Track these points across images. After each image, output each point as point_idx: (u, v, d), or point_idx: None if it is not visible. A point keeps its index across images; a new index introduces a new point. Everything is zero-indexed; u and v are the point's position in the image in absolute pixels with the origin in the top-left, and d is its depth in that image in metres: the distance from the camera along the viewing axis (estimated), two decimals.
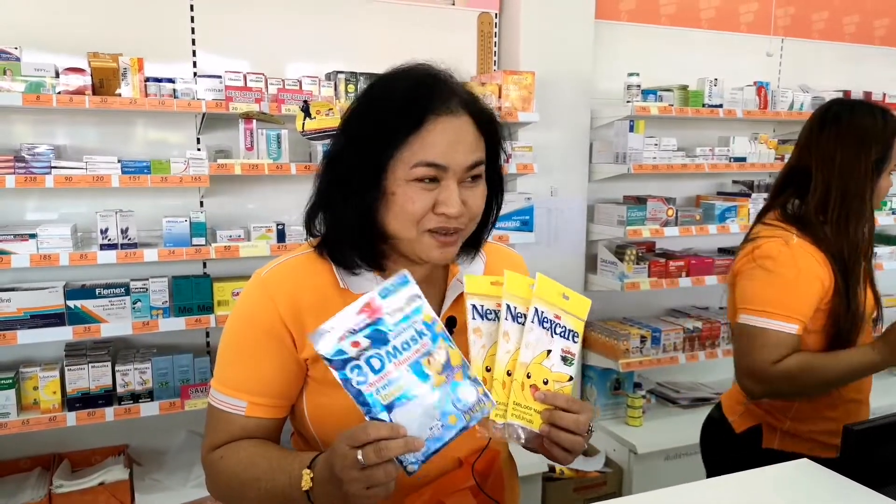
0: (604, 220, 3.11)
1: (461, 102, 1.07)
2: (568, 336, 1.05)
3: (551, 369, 1.04)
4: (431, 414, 0.93)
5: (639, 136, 2.94)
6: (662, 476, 2.91)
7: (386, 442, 0.89)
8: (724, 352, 3.19)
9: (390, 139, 1.04)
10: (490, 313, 1.04)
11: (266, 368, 1.13)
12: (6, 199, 2.42)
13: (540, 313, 1.03)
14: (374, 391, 0.92)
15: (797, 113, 3.31)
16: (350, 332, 0.92)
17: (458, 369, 0.95)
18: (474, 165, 1.08)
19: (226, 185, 2.63)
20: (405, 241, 1.09)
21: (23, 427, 2.23)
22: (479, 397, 0.95)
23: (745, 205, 3.17)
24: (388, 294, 0.94)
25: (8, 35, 2.28)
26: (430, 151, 1.04)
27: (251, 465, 1.10)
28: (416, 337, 0.94)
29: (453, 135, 1.05)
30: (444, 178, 1.06)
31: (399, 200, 1.06)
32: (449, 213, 1.05)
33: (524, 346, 1.02)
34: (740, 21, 3.49)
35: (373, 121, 1.07)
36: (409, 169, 1.04)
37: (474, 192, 1.10)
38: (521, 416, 1.02)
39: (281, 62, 2.71)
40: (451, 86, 1.09)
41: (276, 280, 1.15)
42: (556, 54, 2.96)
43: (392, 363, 0.93)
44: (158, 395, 2.39)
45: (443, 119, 1.05)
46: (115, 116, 2.49)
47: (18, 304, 2.20)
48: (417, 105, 1.05)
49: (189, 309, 2.40)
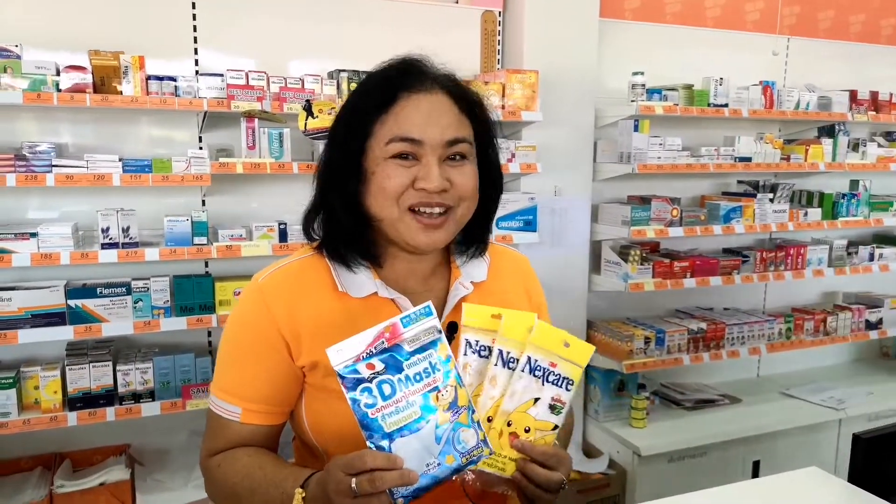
0: (608, 220, 3.09)
1: (438, 82, 1.08)
2: (561, 384, 1.02)
3: (536, 417, 1.01)
4: (431, 450, 0.92)
5: (643, 136, 2.91)
6: (666, 479, 2.89)
7: (381, 473, 0.89)
8: (728, 353, 3.17)
9: (364, 118, 1.06)
10: (484, 349, 1.01)
11: (261, 375, 1.12)
12: (7, 198, 2.41)
13: (533, 361, 1.00)
14: (380, 416, 0.91)
15: (803, 112, 3.28)
16: (367, 354, 0.92)
17: (463, 410, 0.95)
18: (455, 142, 1.07)
19: (227, 184, 2.61)
20: (389, 223, 1.08)
21: (24, 427, 2.22)
22: (479, 443, 0.95)
23: (750, 205, 3.15)
24: (410, 322, 0.94)
25: (9, 33, 2.26)
26: (403, 125, 1.04)
27: (247, 476, 1.09)
28: (430, 370, 0.94)
29: (428, 109, 1.06)
30: (423, 154, 1.05)
31: (378, 179, 1.06)
32: (428, 188, 1.04)
33: (509, 395, 1.00)
34: (746, 20, 3.46)
35: (350, 108, 1.10)
36: (384, 146, 1.05)
37: (462, 171, 1.08)
38: (493, 464, 1.00)
39: (283, 60, 2.69)
40: (425, 66, 1.10)
41: (272, 286, 1.14)
42: (560, 53, 2.94)
43: (402, 391, 0.92)
44: (160, 395, 2.38)
45: (416, 95, 1.06)
46: (115, 114, 2.48)
47: (19, 303, 2.19)
48: (389, 84, 1.06)
49: (190, 308, 2.39)
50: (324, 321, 1.11)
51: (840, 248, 3.46)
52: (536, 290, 1.32)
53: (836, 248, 3.44)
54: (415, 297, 1.15)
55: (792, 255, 3.31)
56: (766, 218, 3.20)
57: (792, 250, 3.31)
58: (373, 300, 1.13)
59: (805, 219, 3.31)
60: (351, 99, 1.12)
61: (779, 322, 3.33)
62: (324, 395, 1.12)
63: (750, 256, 3.25)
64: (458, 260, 1.22)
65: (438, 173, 1.05)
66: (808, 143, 3.35)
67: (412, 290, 1.16)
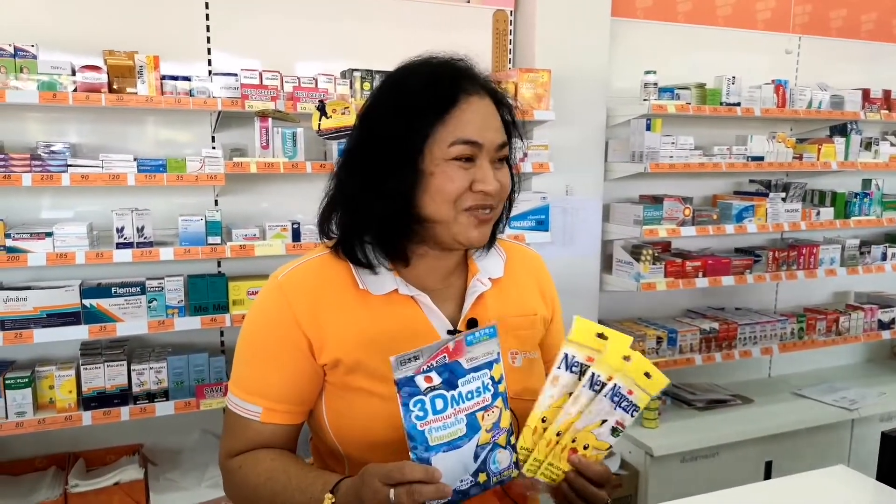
0: (620, 219, 3.08)
1: (483, 83, 1.10)
2: (629, 410, 1.03)
3: (598, 437, 1.03)
4: (468, 468, 0.94)
5: (655, 135, 2.91)
6: (679, 479, 2.88)
7: (419, 486, 0.89)
8: (740, 353, 3.16)
9: (425, 118, 1.04)
10: (576, 366, 1.03)
11: (282, 374, 1.11)
12: (22, 198, 2.41)
13: (616, 388, 1.01)
14: (427, 430, 0.92)
15: (815, 111, 3.27)
16: (428, 367, 0.93)
17: (503, 432, 0.97)
18: (503, 146, 1.09)
19: (241, 183, 2.62)
20: (441, 223, 1.07)
21: (39, 426, 2.23)
22: (510, 464, 0.97)
23: (762, 204, 3.14)
24: (473, 341, 0.96)
25: (25, 33, 2.27)
26: (467, 129, 1.05)
27: (270, 479, 1.08)
28: (482, 389, 0.96)
29: (484, 113, 1.07)
30: (479, 156, 1.06)
31: (437, 181, 1.05)
32: (487, 190, 1.06)
33: (585, 415, 1.01)
34: (757, 19, 3.45)
35: (402, 106, 1.06)
36: (446, 147, 1.04)
37: (504, 173, 1.11)
38: (548, 474, 1.02)
39: (296, 60, 2.70)
40: (474, 68, 1.11)
41: (293, 283, 1.13)
42: (571, 52, 2.93)
43: (453, 408, 0.94)
44: (174, 395, 2.38)
45: (474, 98, 1.06)
46: (130, 114, 2.48)
47: (34, 302, 2.20)
48: (449, 84, 1.06)
49: (204, 308, 2.39)
50: (345, 318, 1.11)
51: (852, 248, 3.44)
52: (550, 287, 1.33)
53: (848, 247, 3.43)
54: (434, 294, 1.15)
55: (804, 255, 3.29)
56: (779, 217, 3.18)
57: (804, 250, 3.29)
58: (393, 297, 1.13)
59: (817, 218, 3.29)
60: (399, 98, 1.08)
61: (791, 322, 3.32)
62: (345, 393, 1.11)
63: (762, 256, 3.24)
64: (475, 255, 1.22)
65: (493, 176, 1.07)
66: (821, 142, 3.33)
67: (431, 288, 1.16)
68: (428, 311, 1.14)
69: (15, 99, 2.10)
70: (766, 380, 3.71)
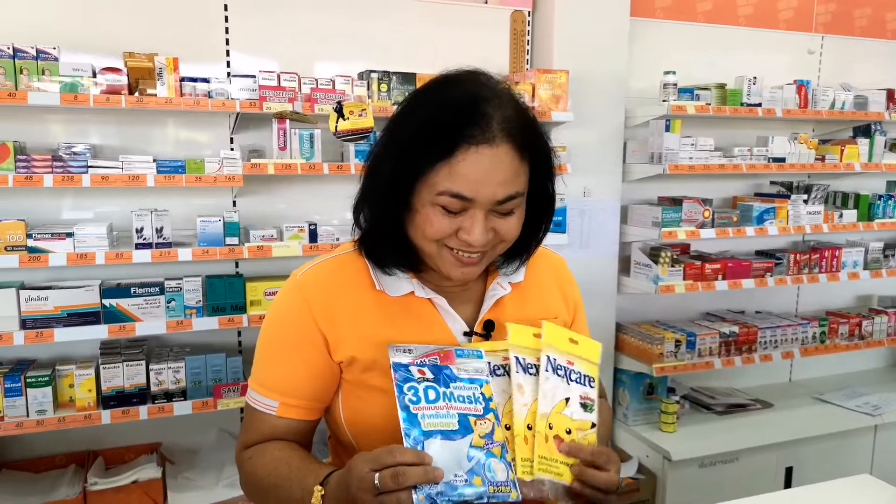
0: (638, 221, 3.05)
1: (503, 129, 0.99)
2: (584, 381, 1.04)
3: (572, 417, 1.02)
4: (461, 463, 0.92)
5: (675, 136, 2.88)
6: (697, 484, 2.84)
7: (405, 468, 0.87)
8: (761, 357, 3.12)
9: (421, 159, 1.00)
10: (498, 369, 1.03)
11: (299, 370, 1.13)
12: (43, 198, 2.44)
13: (553, 360, 1.02)
14: (420, 415, 0.93)
15: (839, 112, 3.22)
16: (421, 363, 0.96)
17: (498, 444, 0.95)
18: (507, 199, 1.02)
19: (258, 184, 2.63)
20: (426, 254, 1.08)
21: (59, 424, 2.25)
22: (508, 480, 0.94)
23: (783, 206, 3.10)
24: (463, 356, 1.00)
25: (47, 35, 2.30)
26: (458, 182, 0.98)
27: (273, 471, 1.09)
28: (473, 399, 0.97)
29: (487, 167, 0.98)
30: (470, 208, 1.01)
31: (419, 219, 1.03)
32: (471, 242, 1.02)
33: (542, 396, 1.00)
34: (779, 18, 3.40)
35: (409, 134, 1.03)
36: (433, 195, 1.00)
37: (507, 221, 1.05)
38: (549, 469, 0.98)
39: (314, 62, 2.70)
40: (494, 111, 0.99)
41: (311, 282, 1.14)
42: (590, 52, 2.91)
43: (445, 402, 0.94)
44: (191, 395, 2.40)
45: (476, 149, 0.98)
46: (148, 116, 2.51)
47: (55, 302, 2.22)
48: (453, 130, 0.98)
49: (222, 308, 2.40)
50: (361, 318, 1.11)
51: (876, 251, 3.38)
52: (573, 291, 1.31)
53: (871, 250, 3.37)
54: (451, 297, 1.15)
55: (826, 258, 3.24)
56: (801, 219, 3.14)
57: (826, 252, 3.24)
58: (410, 299, 1.13)
59: (840, 220, 3.24)
60: (410, 124, 1.04)
61: (812, 326, 3.27)
62: (361, 391, 1.12)
63: (783, 259, 3.19)
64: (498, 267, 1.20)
65: (483, 228, 1.01)
66: (844, 143, 3.28)
67: (448, 290, 1.16)
68: (444, 314, 1.14)
69: (37, 101, 2.13)
70: (786, 384, 3.66)
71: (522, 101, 1.07)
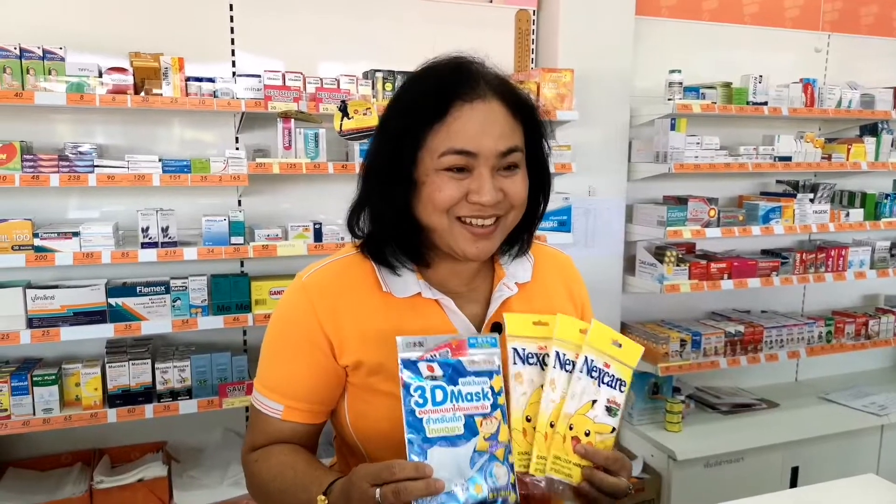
0: (643, 220, 3.05)
1: (491, 87, 1.04)
2: (615, 385, 1.02)
3: (594, 420, 1.01)
4: (463, 472, 0.91)
5: (680, 135, 2.87)
6: (702, 484, 2.83)
7: (406, 483, 0.88)
8: (766, 356, 3.11)
9: (416, 128, 1.02)
10: (531, 357, 1.01)
11: (303, 374, 1.12)
12: (50, 198, 2.45)
13: (590, 362, 1.00)
14: (426, 419, 0.91)
15: (845, 111, 3.20)
16: (431, 357, 0.93)
17: (502, 445, 0.94)
18: (508, 152, 1.04)
19: (263, 184, 2.63)
20: (438, 232, 1.06)
21: (65, 423, 2.26)
22: (508, 484, 0.93)
23: (789, 205, 3.08)
24: (476, 345, 0.96)
25: (53, 36, 2.30)
26: (458, 138, 1.01)
27: (279, 475, 1.09)
28: (481, 395, 0.95)
29: (482, 119, 1.02)
30: (476, 165, 1.02)
31: (427, 191, 1.03)
32: (482, 202, 1.02)
33: (570, 397, 0.99)
34: (786, 16, 3.39)
35: (400, 113, 1.06)
36: (436, 158, 1.02)
37: (513, 181, 1.06)
38: (560, 469, 0.99)
39: (318, 61, 2.71)
40: (480, 71, 1.05)
41: (316, 285, 1.13)
42: (595, 51, 2.91)
43: (452, 404, 0.93)
44: (197, 393, 2.41)
45: (469, 104, 1.01)
46: (154, 116, 2.51)
47: (62, 301, 2.23)
48: (442, 91, 1.02)
49: (227, 308, 2.41)
50: (367, 321, 1.11)
51: (883, 250, 3.37)
52: (580, 290, 1.31)
53: (878, 249, 3.35)
54: (458, 298, 1.15)
55: (833, 257, 3.23)
56: (807, 219, 3.13)
57: (833, 252, 3.23)
58: (416, 300, 1.12)
59: (847, 219, 3.23)
60: (400, 103, 1.08)
61: (819, 325, 3.26)
62: (367, 395, 1.11)
63: (789, 258, 3.18)
64: (502, 259, 1.20)
65: (492, 186, 1.02)
66: (850, 141, 3.26)
67: (455, 291, 1.15)
68: (451, 315, 1.13)
69: (43, 100, 2.14)
70: (792, 384, 3.65)
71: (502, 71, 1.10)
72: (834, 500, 1.25)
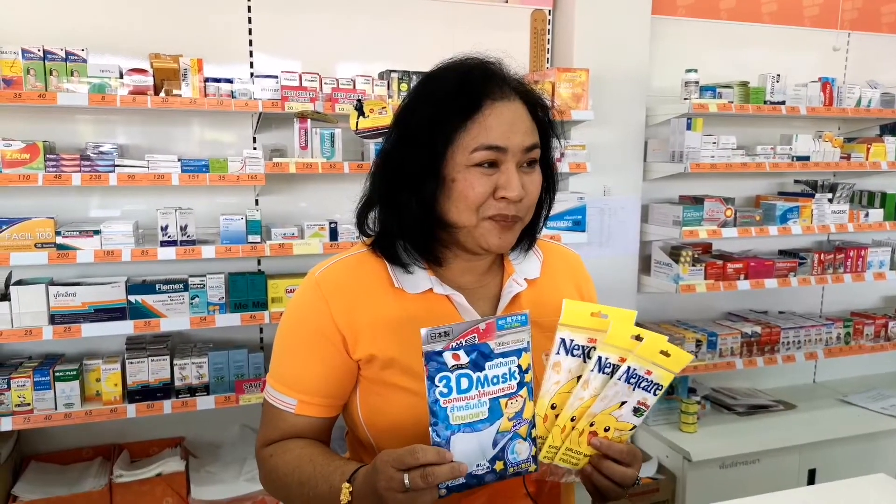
0: (659, 220, 3.04)
1: (512, 86, 1.08)
2: (650, 389, 1.01)
3: (618, 419, 1.01)
4: (485, 453, 0.93)
5: (696, 134, 2.86)
6: (718, 485, 2.82)
7: (433, 468, 0.90)
8: (784, 357, 3.08)
9: (448, 125, 1.05)
10: (577, 349, 1.01)
11: (317, 368, 1.13)
12: (72, 197, 2.50)
13: (632, 370, 0.99)
14: (450, 408, 0.92)
15: (864, 110, 3.17)
16: (457, 345, 0.93)
17: (525, 423, 0.96)
18: (531, 148, 1.08)
19: (280, 183, 2.66)
20: (464, 229, 1.08)
21: (86, 417, 2.30)
22: (529, 457, 0.96)
23: (807, 205, 3.06)
24: (505, 326, 0.95)
25: (75, 37, 2.35)
26: (490, 134, 1.04)
27: (297, 468, 1.10)
28: (508, 376, 0.95)
29: (510, 117, 1.06)
30: (503, 161, 1.06)
31: (459, 187, 1.05)
32: (510, 197, 1.05)
33: (600, 399, 0.99)
34: (804, 15, 3.36)
35: (428, 110, 1.07)
36: (468, 154, 1.04)
37: (532, 178, 1.10)
38: (569, 460, 1.00)
39: (335, 62, 2.73)
40: (504, 72, 1.10)
41: (329, 280, 1.15)
42: (610, 51, 2.90)
43: (477, 391, 0.93)
44: (214, 389, 2.44)
45: (499, 103, 1.06)
46: (173, 116, 2.55)
47: (83, 298, 2.27)
48: (474, 90, 1.06)
49: (244, 305, 2.44)
50: (380, 316, 1.12)
51: None
52: (588, 287, 1.32)
53: None
54: (469, 294, 1.16)
55: (852, 258, 3.20)
56: (825, 219, 3.10)
57: (852, 252, 3.20)
58: (428, 296, 1.14)
59: (866, 220, 3.19)
60: (427, 102, 1.09)
61: (837, 326, 3.22)
62: (380, 389, 1.13)
63: (807, 258, 3.15)
64: (511, 255, 1.22)
65: (518, 181, 1.06)
66: (870, 141, 3.23)
67: (466, 287, 1.17)
68: (462, 311, 1.14)
69: (66, 101, 2.18)
70: (810, 385, 3.62)
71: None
72: (844, 499, 1.24)
